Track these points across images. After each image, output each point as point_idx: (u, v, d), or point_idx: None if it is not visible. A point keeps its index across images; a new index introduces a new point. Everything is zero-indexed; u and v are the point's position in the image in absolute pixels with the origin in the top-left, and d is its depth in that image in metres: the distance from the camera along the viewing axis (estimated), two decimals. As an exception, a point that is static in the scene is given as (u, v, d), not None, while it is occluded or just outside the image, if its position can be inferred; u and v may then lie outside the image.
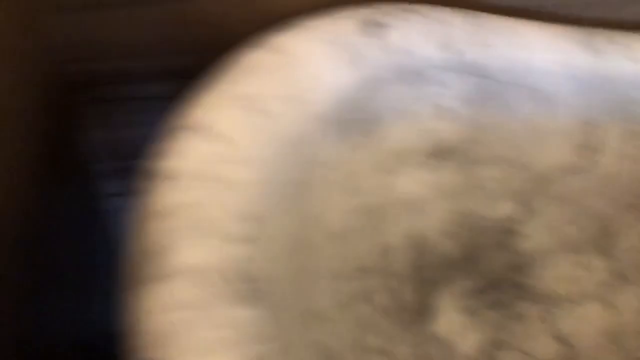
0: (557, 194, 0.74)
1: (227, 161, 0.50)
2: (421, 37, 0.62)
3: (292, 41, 0.57)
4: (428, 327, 0.78)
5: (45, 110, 0.67)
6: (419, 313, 0.77)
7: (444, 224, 0.74)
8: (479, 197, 0.73)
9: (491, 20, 0.65)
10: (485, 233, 0.76)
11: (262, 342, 0.41)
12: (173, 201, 0.45)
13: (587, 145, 0.70)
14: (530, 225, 0.75)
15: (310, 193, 0.62)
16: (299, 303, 0.58)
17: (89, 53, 0.70)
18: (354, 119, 0.63)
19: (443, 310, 0.78)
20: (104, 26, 0.68)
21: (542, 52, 0.65)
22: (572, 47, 0.66)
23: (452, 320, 0.79)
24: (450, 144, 0.68)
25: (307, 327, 0.58)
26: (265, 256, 0.48)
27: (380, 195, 0.69)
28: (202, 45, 0.69)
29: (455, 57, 0.64)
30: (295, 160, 0.57)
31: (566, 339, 0.77)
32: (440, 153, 0.68)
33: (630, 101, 0.69)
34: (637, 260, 0.77)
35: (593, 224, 0.76)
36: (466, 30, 0.63)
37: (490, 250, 0.78)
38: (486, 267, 0.79)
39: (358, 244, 0.69)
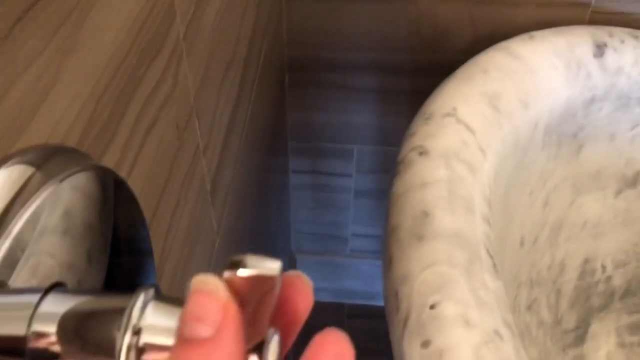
0: None
1: (469, 147, 0.53)
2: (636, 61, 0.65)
3: (530, 50, 0.60)
4: (581, 351, 0.79)
5: (273, 85, 0.73)
6: (574, 335, 0.79)
7: (617, 253, 0.75)
8: (660, 231, 0.74)
9: None
10: (656, 268, 0.77)
11: (507, 311, 0.44)
12: (431, 175, 0.49)
13: None
14: None
15: (511, 193, 0.65)
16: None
17: (312, 39, 0.75)
18: (563, 133, 0.65)
19: (597, 339, 0.79)
20: (330, 16, 0.73)
21: None
22: None
23: (604, 350, 0.80)
24: (647, 173, 0.70)
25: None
26: (496, 237, 0.51)
27: (567, 212, 0.71)
28: (419, 45, 0.73)
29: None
30: (514, 159, 0.60)
31: None
32: (635, 182, 0.70)
33: None
34: None
35: None
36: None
37: (655, 287, 0.78)
38: (647, 304, 0.79)
39: (537, 256, 0.71)
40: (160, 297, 0.21)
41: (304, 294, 0.21)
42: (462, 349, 0.41)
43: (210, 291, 0.18)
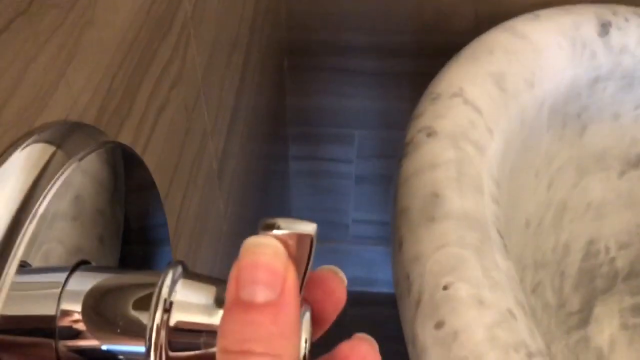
0: None
1: (477, 127, 0.53)
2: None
3: (535, 29, 0.59)
4: (584, 334, 0.79)
5: (273, 70, 0.72)
6: (578, 318, 0.79)
7: (620, 234, 0.75)
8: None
9: None
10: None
11: (519, 291, 0.44)
12: (440, 156, 0.48)
13: None
14: None
15: (517, 174, 0.64)
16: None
17: (312, 22, 0.75)
18: (568, 113, 0.65)
19: (601, 321, 0.79)
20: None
21: None
22: None
23: (608, 332, 0.80)
24: (651, 154, 0.70)
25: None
26: (504, 218, 0.51)
27: (571, 194, 0.71)
28: (420, 26, 0.72)
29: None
30: (520, 140, 0.60)
31: None
32: (638, 162, 0.70)
33: None
34: None
35: None
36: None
37: (658, 268, 0.78)
38: (650, 285, 0.79)
39: (541, 238, 0.71)
40: (190, 273, 0.20)
41: (338, 290, 0.21)
42: (477, 329, 0.41)
43: (273, 252, 0.18)
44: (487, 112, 0.54)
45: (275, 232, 0.18)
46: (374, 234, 0.95)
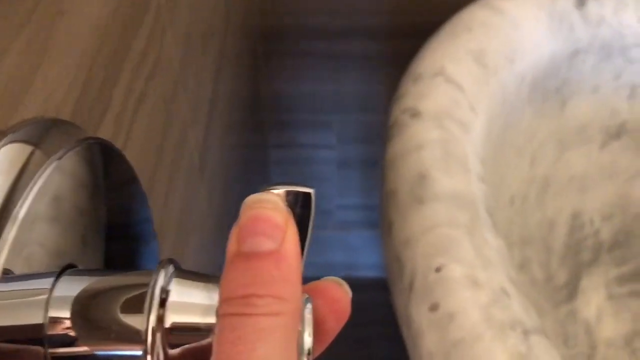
0: None
1: (461, 106, 0.52)
2: (619, 10, 0.64)
3: (512, 4, 0.59)
4: (572, 307, 0.79)
5: (247, 56, 0.71)
6: (565, 292, 0.79)
7: (604, 206, 0.76)
8: (646, 181, 0.74)
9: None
10: (641, 219, 0.77)
11: (511, 268, 0.44)
12: (425, 137, 0.48)
13: None
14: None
15: (500, 152, 0.64)
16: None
17: (284, 6, 0.73)
18: (548, 88, 0.65)
19: (588, 293, 0.80)
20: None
21: None
22: None
23: (595, 304, 0.81)
24: (631, 125, 0.70)
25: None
26: (490, 196, 0.51)
27: (554, 168, 0.70)
28: (395, 7, 0.71)
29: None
30: (502, 117, 0.60)
31: None
32: (619, 133, 0.70)
33: None
34: None
35: None
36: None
37: (642, 238, 0.79)
38: (635, 255, 0.80)
39: (527, 214, 0.71)
40: (182, 271, 0.20)
41: (341, 301, 0.20)
42: (472, 310, 0.41)
43: (272, 206, 0.18)
44: (469, 90, 0.53)
45: (274, 190, 0.18)
46: (359, 219, 0.94)
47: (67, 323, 0.18)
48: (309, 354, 0.18)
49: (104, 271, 0.21)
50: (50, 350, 0.19)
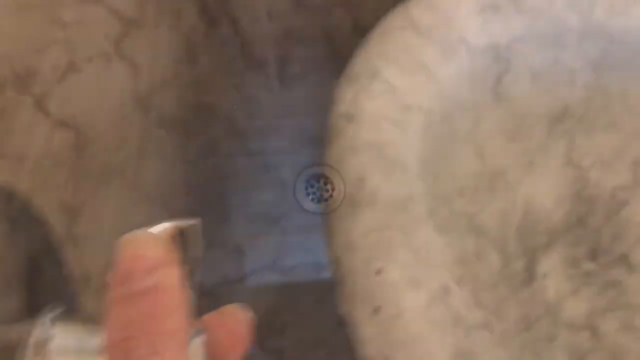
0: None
1: (396, 107, 0.52)
2: None
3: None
4: (531, 290, 0.80)
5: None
6: (523, 276, 0.80)
7: (554, 188, 0.77)
8: (594, 165, 0.75)
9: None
10: (594, 202, 0.78)
11: (454, 264, 0.44)
12: (361, 140, 0.48)
13: None
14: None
15: (442, 148, 0.65)
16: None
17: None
18: (488, 79, 0.65)
19: (546, 276, 0.81)
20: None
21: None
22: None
23: (553, 285, 0.82)
24: (573, 110, 0.71)
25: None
26: (433, 194, 0.51)
27: (502, 158, 0.71)
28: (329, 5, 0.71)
29: (584, 19, 0.66)
30: (441, 113, 0.60)
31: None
32: (563, 119, 0.71)
33: None
34: None
35: None
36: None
37: (596, 220, 0.80)
38: (590, 237, 0.81)
39: (479, 205, 0.72)
40: (67, 318, 0.19)
41: (239, 330, 0.20)
42: (414, 311, 0.41)
43: (144, 243, 0.17)
44: (405, 89, 0.54)
45: (157, 227, 0.18)
46: (319, 222, 0.94)
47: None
48: None
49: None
50: None
